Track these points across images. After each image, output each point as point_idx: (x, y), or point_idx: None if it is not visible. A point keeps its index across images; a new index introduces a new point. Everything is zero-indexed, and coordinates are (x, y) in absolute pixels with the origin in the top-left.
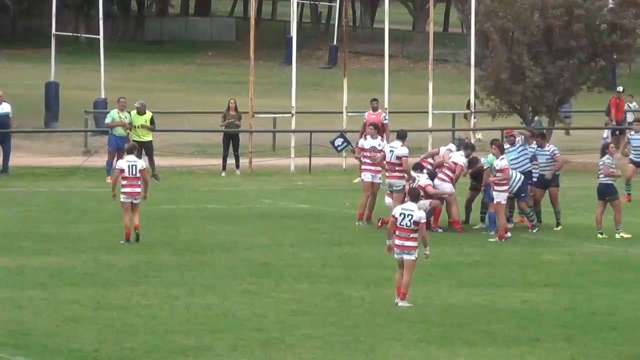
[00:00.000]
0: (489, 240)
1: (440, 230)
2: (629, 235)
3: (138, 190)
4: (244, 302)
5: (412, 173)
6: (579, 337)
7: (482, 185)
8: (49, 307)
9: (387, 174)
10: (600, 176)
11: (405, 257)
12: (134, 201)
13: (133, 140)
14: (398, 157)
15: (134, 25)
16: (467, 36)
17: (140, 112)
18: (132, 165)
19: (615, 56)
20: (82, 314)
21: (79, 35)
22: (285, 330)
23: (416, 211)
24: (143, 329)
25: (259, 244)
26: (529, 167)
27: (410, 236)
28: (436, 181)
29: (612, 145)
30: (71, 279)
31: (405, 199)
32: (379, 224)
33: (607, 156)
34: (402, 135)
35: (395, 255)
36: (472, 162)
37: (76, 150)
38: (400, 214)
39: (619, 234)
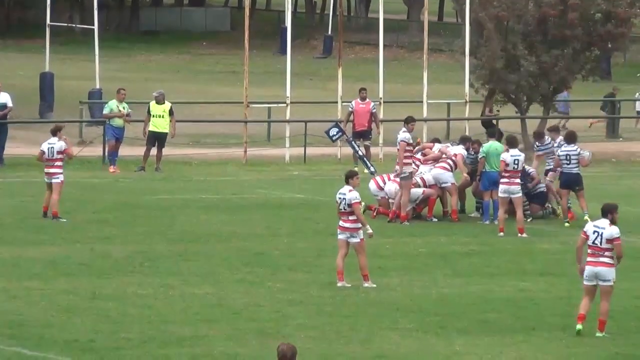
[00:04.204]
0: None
1: (434, 219)
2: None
3: (53, 171)
4: (239, 292)
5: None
6: (574, 326)
7: (477, 175)
8: (45, 298)
9: (397, 160)
10: (572, 166)
11: (351, 240)
12: (53, 181)
13: (150, 131)
14: (398, 143)
15: (129, 15)
16: (461, 25)
17: (159, 101)
18: (50, 148)
19: (609, 45)
20: (78, 305)
21: (74, 25)
22: (281, 320)
23: (348, 193)
24: (139, 319)
25: (254, 234)
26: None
27: (350, 218)
28: (438, 170)
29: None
30: (66, 269)
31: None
32: (374, 214)
33: (577, 146)
34: (406, 121)
35: (339, 236)
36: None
37: (71, 141)
38: (338, 198)
39: (587, 216)
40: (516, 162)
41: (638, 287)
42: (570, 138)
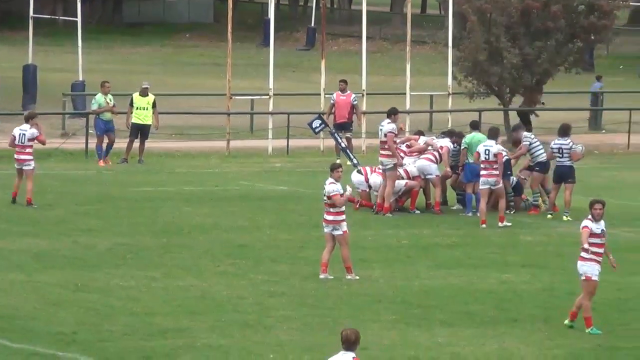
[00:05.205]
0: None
1: (417, 212)
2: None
3: (24, 157)
4: (222, 284)
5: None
6: (557, 318)
7: (460, 166)
8: (29, 290)
9: (380, 152)
10: (564, 159)
11: (334, 232)
12: (24, 167)
13: (133, 123)
14: (385, 135)
15: (112, 7)
16: (445, 17)
17: (143, 94)
18: (21, 134)
19: (592, 37)
20: (62, 297)
21: (57, 17)
22: (263, 311)
23: (327, 185)
24: (122, 311)
25: (237, 226)
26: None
27: (331, 210)
28: (423, 162)
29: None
30: (50, 261)
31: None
32: (357, 206)
33: (570, 139)
34: (390, 112)
35: (325, 229)
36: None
37: (54, 133)
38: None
39: (566, 216)
40: (487, 152)
41: (620, 280)
42: (564, 131)
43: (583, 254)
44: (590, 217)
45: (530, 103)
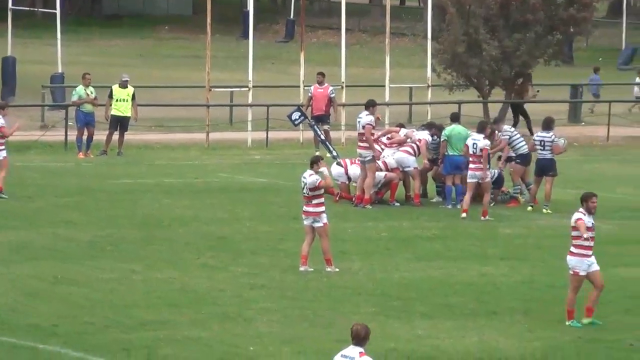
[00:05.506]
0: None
1: (397, 204)
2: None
3: None
4: (202, 277)
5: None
6: (536, 310)
7: (440, 158)
8: (8, 282)
9: (358, 144)
10: (545, 152)
11: (315, 224)
12: None
13: (112, 115)
14: (363, 127)
15: None
16: (424, 9)
17: (123, 86)
18: None
19: (572, 29)
20: (41, 289)
21: (36, 9)
22: (243, 304)
23: (308, 177)
24: (102, 304)
25: (217, 218)
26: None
27: (313, 202)
28: (401, 154)
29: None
30: (30, 253)
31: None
32: (337, 198)
33: (552, 132)
34: (368, 104)
35: (304, 222)
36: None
37: (33, 125)
38: (302, 182)
39: (546, 209)
40: (474, 146)
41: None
42: (547, 125)
43: (572, 249)
44: (582, 210)
45: (521, 93)
